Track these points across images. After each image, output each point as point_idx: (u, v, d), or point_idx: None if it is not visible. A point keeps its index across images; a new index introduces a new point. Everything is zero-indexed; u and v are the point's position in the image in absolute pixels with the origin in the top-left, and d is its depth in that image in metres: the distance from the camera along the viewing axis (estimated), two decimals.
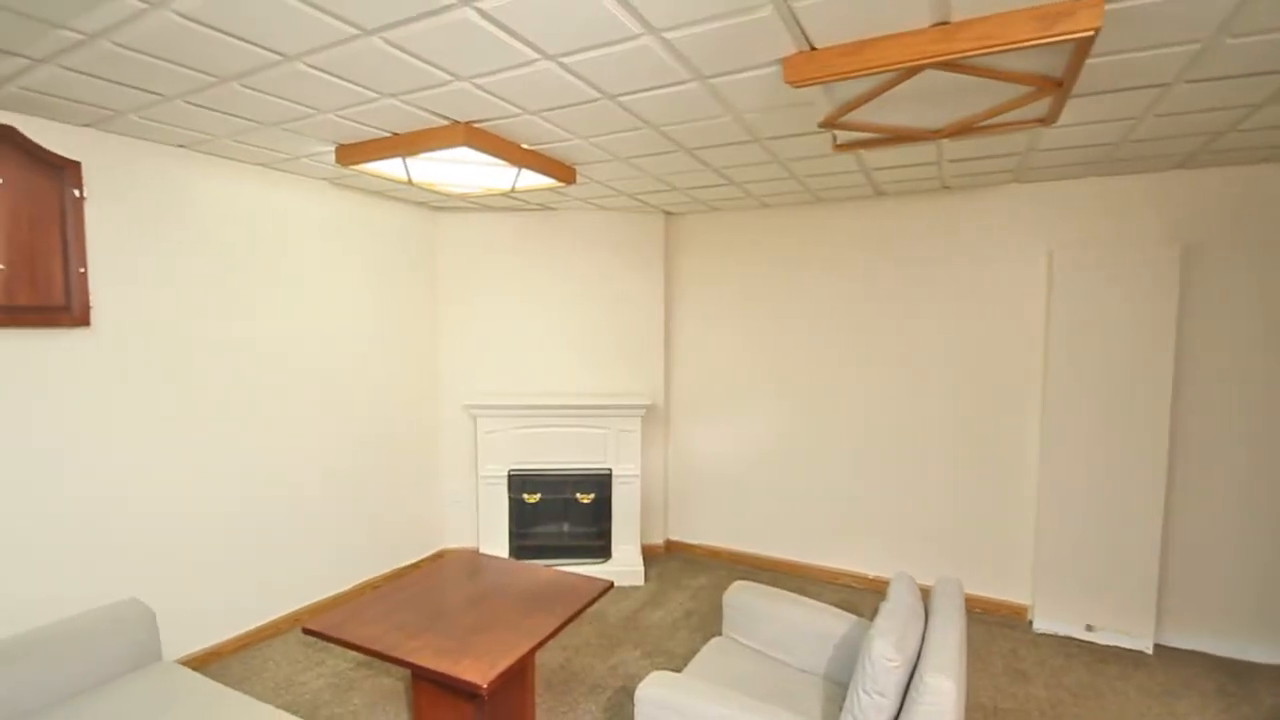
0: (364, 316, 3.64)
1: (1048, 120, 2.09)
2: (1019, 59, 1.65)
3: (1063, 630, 3.24)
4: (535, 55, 1.79)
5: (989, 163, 2.94)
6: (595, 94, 2.08)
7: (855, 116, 2.11)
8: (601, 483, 3.93)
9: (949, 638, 1.65)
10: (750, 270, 4.08)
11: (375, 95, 2.11)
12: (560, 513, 4.04)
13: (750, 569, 4.11)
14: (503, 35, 1.67)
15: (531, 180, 3.00)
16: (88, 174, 2.43)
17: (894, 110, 2.06)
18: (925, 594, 1.97)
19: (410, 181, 2.96)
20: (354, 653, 2.95)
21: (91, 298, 2.45)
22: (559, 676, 2.82)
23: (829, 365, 3.86)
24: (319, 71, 1.92)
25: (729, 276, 4.15)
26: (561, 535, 4.05)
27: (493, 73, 1.91)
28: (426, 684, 2.28)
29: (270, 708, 1.83)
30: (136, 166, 2.60)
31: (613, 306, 4.17)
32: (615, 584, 3.65)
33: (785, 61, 1.79)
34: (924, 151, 2.74)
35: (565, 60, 1.82)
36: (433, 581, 2.60)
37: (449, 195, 3.47)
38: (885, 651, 1.55)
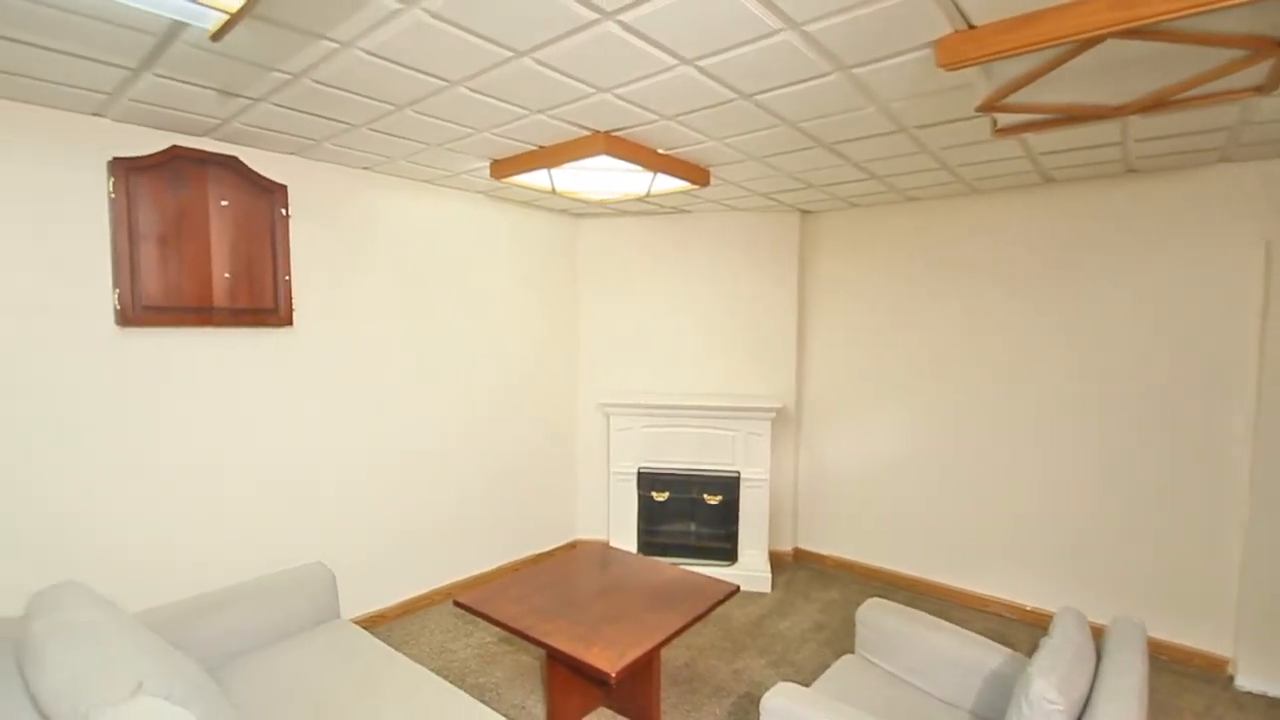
0: (513, 318, 3.92)
1: (1265, 89, 1.76)
2: (1226, 18, 1.41)
3: (1274, 691, 2.71)
4: (673, 61, 1.82)
5: (1188, 140, 2.54)
6: (731, 95, 2.08)
7: (1020, 97, 1.91)
8: (729, 485, 3.91)
9: (1127, 686, 1.44)
10: (893, 268, 3.84)
11: (525, 112, 2.26)
12: (687, 512, 4.07)
13: (885, 586, 3.87)
14: (641, 44, 1.72)
15: (666, 184, 3.06)
16: (292, 195, 2.85)
17: (1067, 87, 1.84)
18: (1096, 634, 1.74)
19: (554, 191, 3.14)
20: (496, 629, 3.18)
21: (293, 301, 2.87)
22: (683, 675, 2.84)
23: (987, 370, 3.53)
24: (477, 94, 2.09)
25: (869, 275, 3.94)
26: (688, 535, 4.08)
27: (631, 82, 1.98)
28: (560, 665, 2.41)
29: (426, 670, 2.03)
30: (330, 187, 3.00)
31: (744, 307, 4.13)
32: (741, 588, 3.62)
33: (938, 44, 1.67)
34: (1104, 131, 2.43)
35: (702, 63, 1.84)
36: (567, 570, 2.74)
37: (589, 202, 3.63)
38: (1046, 692, 1.39)
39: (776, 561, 4.19)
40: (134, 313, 2.38)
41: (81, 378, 2.33)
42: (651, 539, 4.07)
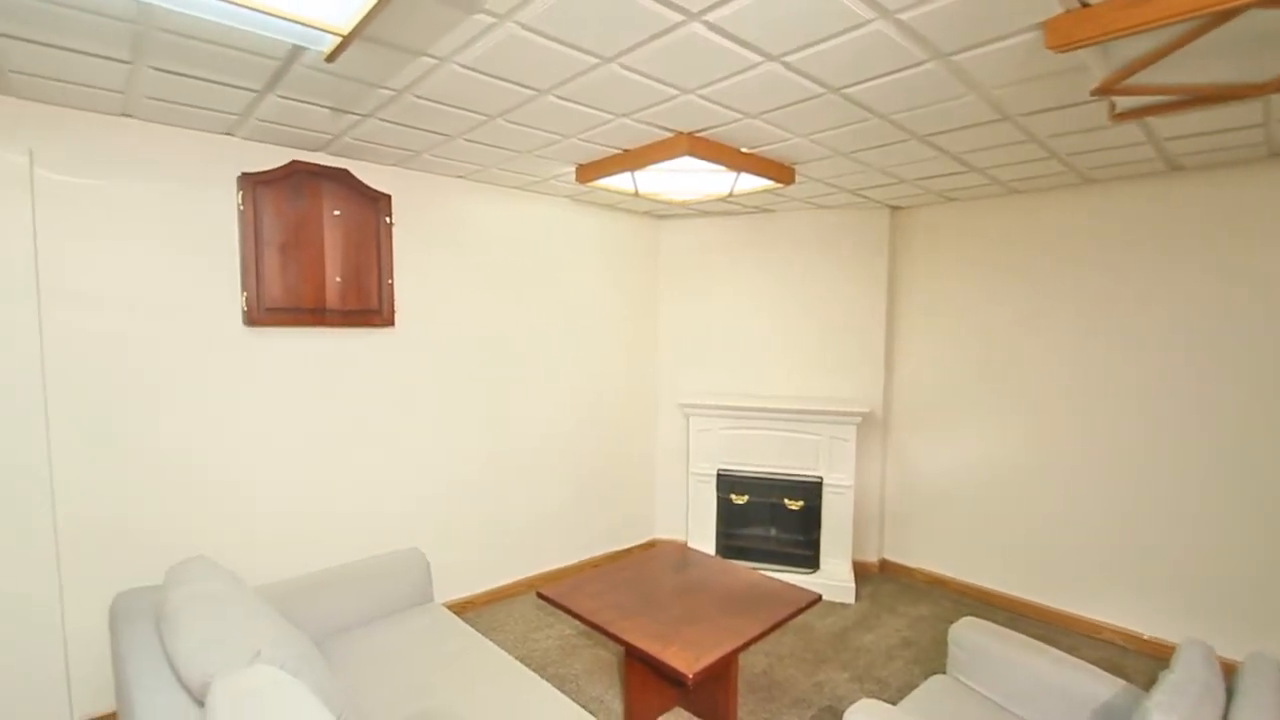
0: (596, 318, 4.00)
1: None
2: None
3: None
4: (758, 58, 1.80)
5: None
6: (818, 89, 2.02)
7: (1141, 78, 1.75)
8: (811, 490, 3.81)
9: None
10: (993, 264, 3.61)
11: (610, 117, 2.30)
12: (767, 517, 4.00)
13: (981, 605, 3.64)
14: (726, 43, 1.71)
15: (750, 183, 3.02)
16: (395, 204, 3.05)
17: (1196, 64, 1.67)
18: (1227, 671, 1.56)
19: (637, 193, 3.18)
20: (577, 622, 3.26)
21: (395, 303, 3.06)
22: (761, 682, 2.80)
23: (1100, 374, 3.25)
24: (565, 101, 2.16)
25: (965, 273, 3.72)
26: (768, 539, 4.01)
27: (715, 81, 1.97)
28: (637, 663, 2.43)
29: (511, 657, 2.11)
30: (428, 195, 3.18)
31: (829, 308, 4.01)
32: (823, 597, 3.51)
33: (1047, 24, 1.56)
34: (1243, 112, 2.18)
35: (789, 59, 1.81)
36: (645, 568, 2.76)
37: (671, 204, 3.65)
38: None
39: (861, 572, 4.03)
40: (258, 313, 2.62)
41: (215, 371, 2.60)
42: (730, 542, 4.03)
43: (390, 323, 3.02)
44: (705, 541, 4.06)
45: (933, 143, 2.58)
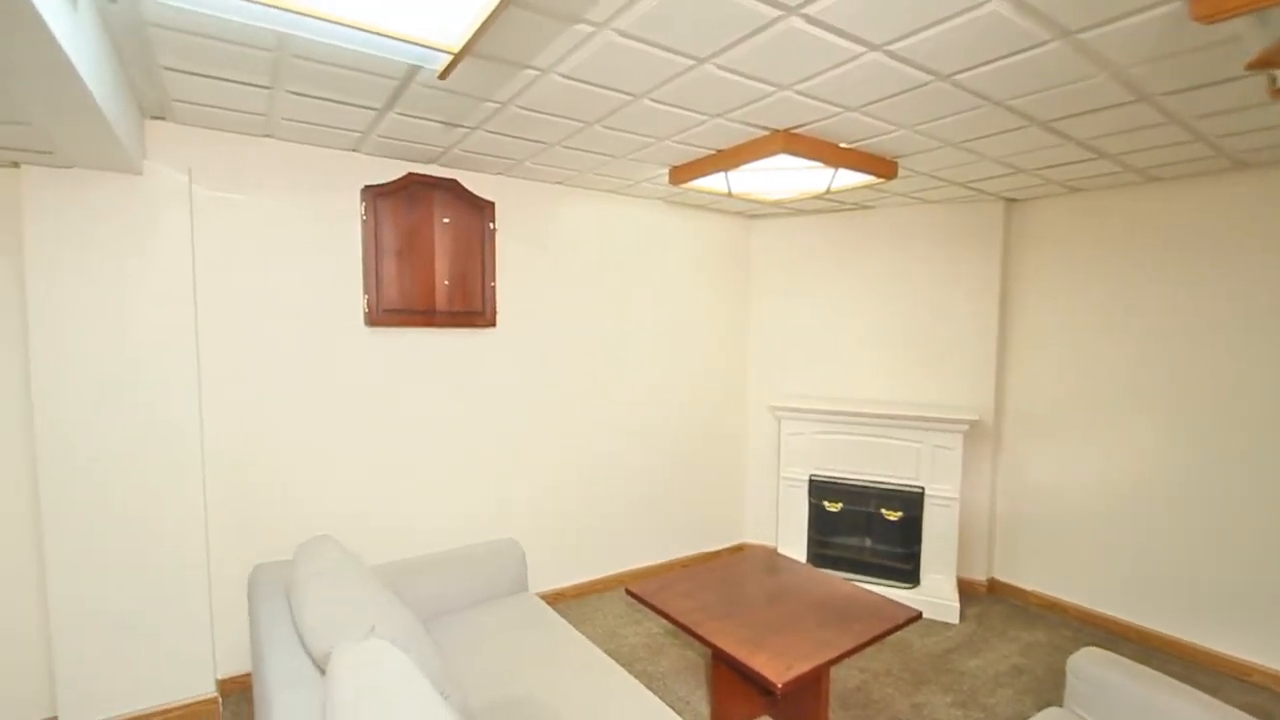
0: (688, 319, 4.01)
1: None
2: None
3: None
4: (860, 49, 1.74)
5: None
6: (925, 78, 1.92)
7: None
8: (911, 501, 3.61)
9: None
10: (1126, 260, 3.27)
11: (704, 117, 2.30)
12: (863, 526, 3.84)
13: (1104, 634, 3.31)
14: (826, 35, 1.66)
15: (848, 179, 2.92)
16: (498, 210, 3.20)
17: None
18: None
19: (730, 193, 3.15)
20: (664, 621, 3.28)
21: (497, 305, 3.21)
22: (856, 699, 2.69)
23: (1251, 381, 2.87)
24: (659, 104, 2.18)
25: (1093, 270, 3.39)
26: (863, 550, 3.84)
27: (813, 76, 1.92)
28: (724, 667, 2.41)
29: (600, 651, 2.16)
30: (528, 201, 3.32)
31: (933, 308, 3.79)
32: (923, 615, 3.33)
33: None
34: None
35: (893, 47, 1.73)
36: (734, 572, 2.73)
37: (764, 203, 3.59)
38: None
39: (967, 591, 3.78)
40: (377, 314, 2.84)
41: (339, 366, 2.84)
42: (822, 550, 3.90)
43: (492, 323, 3.18)
44: (796, 548, 3.96)
45: (1056, 129, 2.38)
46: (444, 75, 1.72)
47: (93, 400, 2.28)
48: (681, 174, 2.98)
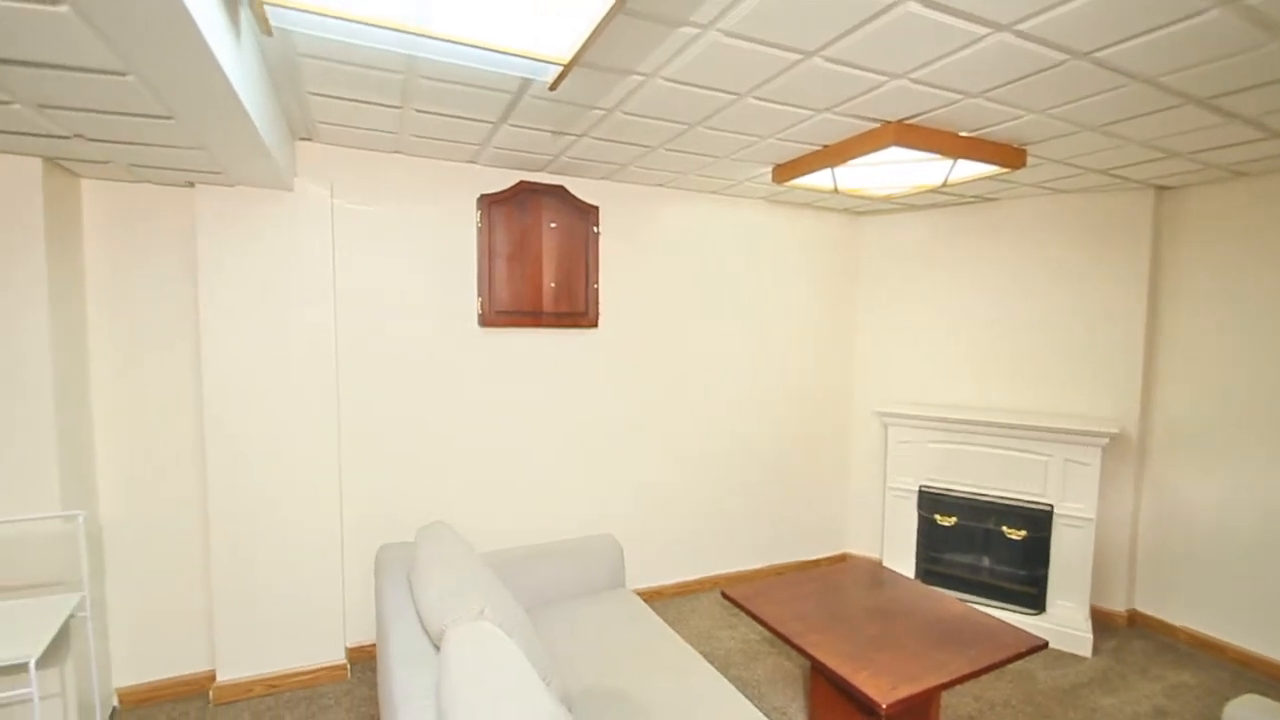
0: (790, 319, 3.92)
1: None
2: None
3: None
4: (984, 30, 1.62)
5: None
6: (1060, 57, 1.76)
7: None
8: (1037, 520, 3.31)
9: None
10: None
11: (811, 113, 2.24)
12: (980, 544, 3.57)
13: (1270, 681, 2.86)
14: (945, 18, 1.57)
15: (968, 170, 2.73)
16: (602, 214, 3.28)
17: None
18: None
19: (836, 190, 3.04)
20: (760, 627, 3.22)
21: (599, 306, 3.30)
22: None
23: None
24: (764, 101, 2.15)
25: (1264, 265, 2.95)
26: (979, 570, 3.57)
27: (930, 63, 1.82)
28: (823, 681, 2.33)
29: (696, 653, 2.15)
30: (630, 204, 3.38)
31: (1066, 308, 3.45)
32: (1049, 644, 3.04)
33: None
34: None
35: (1022, 26, 1.60)
36: (835, 582, 2.64)
37: (873, 199, 3.43)
38: None
39: (1102, 622, 3.41)
40: (490, 315, 3.01)
41: (456, 364, 3.04)
42: (933, 567, 3.67)
43: (594, 324, 3.27)
44: (903, 563, 3.75)
45: (1218, 106, 2.10)
46: (554, 86, 1.79)
47: (250, 394, 2.58)
48: (785, 172, 2.92)
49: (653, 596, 3.61)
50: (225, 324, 2.53)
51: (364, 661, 2.92)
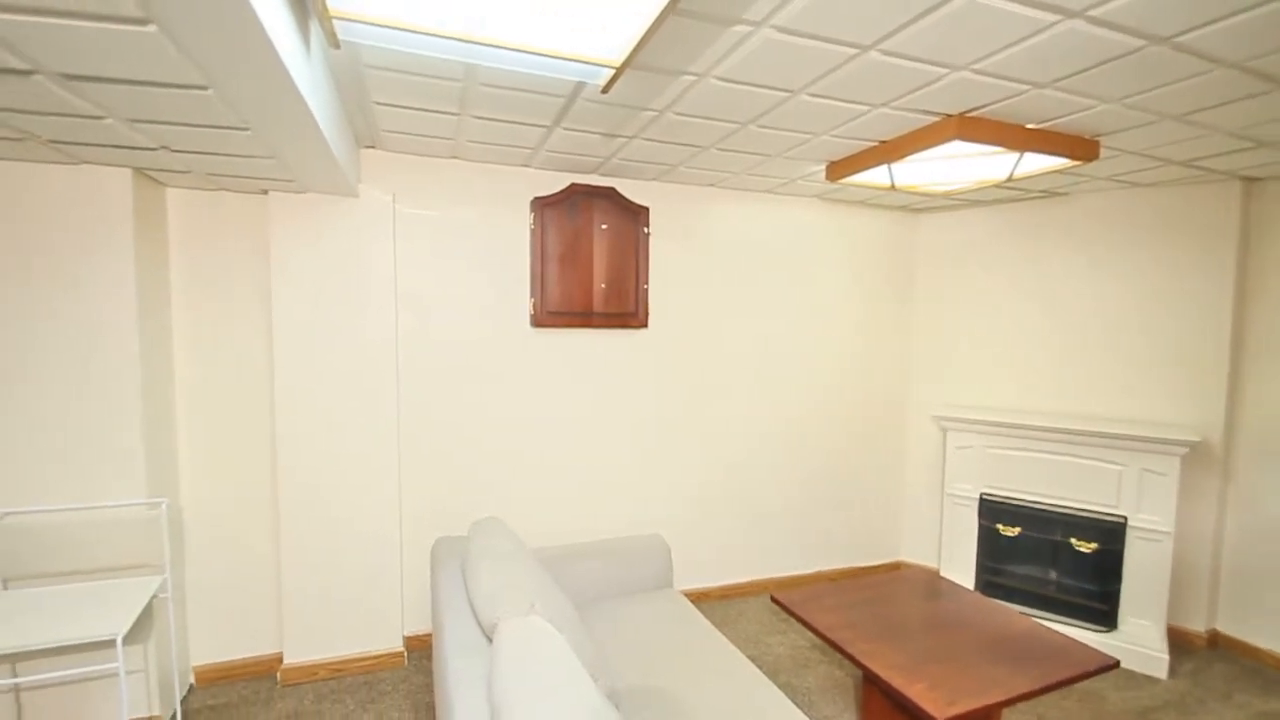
0: (844, 320, 3.83)
1: None
2: None
3: None
4: (1053, 18, 1.55)
5: None
6: (1137, 43, 1.67)
7: None
8: (1110, 532, 3.13)
9: None
10: None
11: (867, 108, 2.19)
12: (1046, 556, 3.40)
13: None
14: (1012, 6, 1.50)
15: (1036, 164, 2.61)
16: (652, 215, 3.29)
17: None
18: None
19: (893, 187, 2.96)
20: (810, 633, 3.16)
21: (649, 306, 3.31)
22: None
23: None
24: (818, 98, 2.11)
25: None
26: (1045, 583, 3.41)
27: (994, 53, 1.75)
28: (876, 693, 2.27)
29: (744, 657, 2.13)
30: (680, 205, 3.38)
31: (1144, 309, 3.25)
32: (1121, 664, 2.87)
33: None
34: None
35: (1095, 13, 1.52)
36: (889, 591, 2.57)
37: (932, 195, 3.32)
38: None
39: (1179, 642, 3.20)
40: (541, 316, 3.07)
41: (508, 364, 3.10)
42: (994, 579, 3.52)
43: (644, 324, 3.28)
44: (961, 573, 3.61)
45: None
46: (607, 89, 1.81)
47: (316, 392, 2.71)
48: (839, 169, 2.86)
49: (700, 598, 3.60)
50: (294, 325, 2.66)
51: (420, 650, 3.01)
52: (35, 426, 2.23)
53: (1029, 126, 2.32)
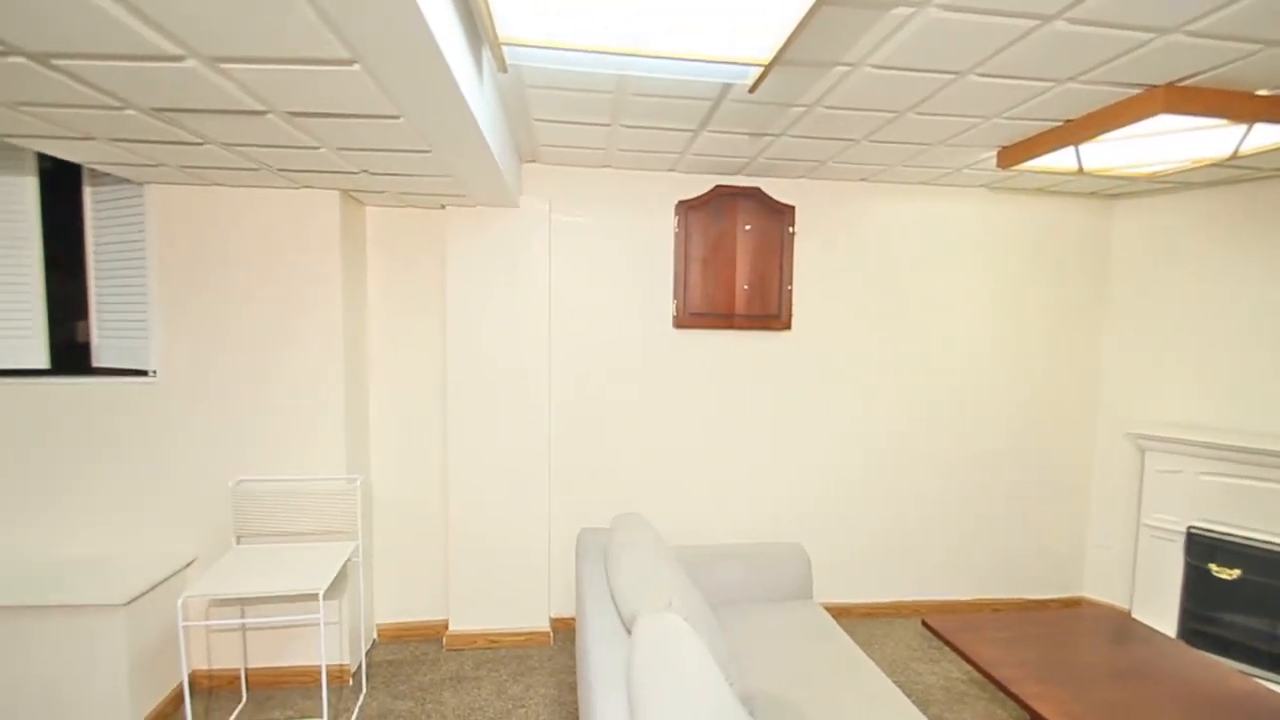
0: (1015, 322, 3.46)
1: None
2: None
3: None
4: None
5: None
6: None
7: None
8: None
9: None
10: None
11: (1048, 85, 1.96)
12: (1274, 605, 2.82)
13: None
14: None
15: (1269, 137, 2.17)
16: (797, 213, 3.20)
17: None
18: None
19: (1080, 171, 2.62)
20: (967, 666, 2.90)
21: (792, 308, 3.23)
22: None
23: None
24: (988, 78, 1.92)
25: None
26: (1274, 639, 2.82)
27: (1215, 10, 1.48)
28: None
29: (891, 683, 2.00)
30: (828, 202, 3.25)
31: None
32: None
33: None
34: None
35: None
36: (1065, 629, 2.27)
37: (1130, 178, 2.89)
38: None
39: None
40: (683, 317, 3.11)
41: (652, 365, 3.19)
42: (1203, 627, 2.98)
43: (787, 326, 3.20)
44: (1160, 618, 3.10)
45: None
46: (754, 88, 1.79)
47: (481, 389, 2.98)
48: (1013, 154, 2.58)
49: (839, 613, 3.43)
50: (464, 329, 2.95)
51: (564, 632, 3.19)
52: (265, 413, 2.68)
53: (1260, 93, 1.94)
